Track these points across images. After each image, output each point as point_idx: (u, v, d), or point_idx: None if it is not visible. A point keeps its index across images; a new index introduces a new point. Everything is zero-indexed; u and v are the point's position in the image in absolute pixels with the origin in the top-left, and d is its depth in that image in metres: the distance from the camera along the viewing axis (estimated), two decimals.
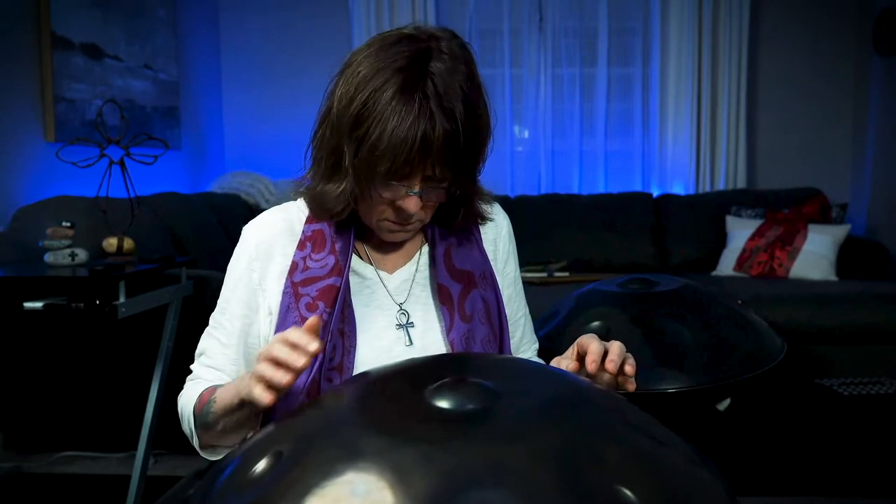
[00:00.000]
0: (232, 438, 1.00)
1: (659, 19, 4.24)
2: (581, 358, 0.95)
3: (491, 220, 1.14)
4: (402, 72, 0.92)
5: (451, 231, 1.11)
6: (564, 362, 0.97)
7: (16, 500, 2.40)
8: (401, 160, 0.91)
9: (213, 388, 1.01)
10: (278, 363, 0.82)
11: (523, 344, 1.23)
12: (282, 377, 0.82)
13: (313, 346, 0.82)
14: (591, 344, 0.93)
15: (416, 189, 0.96)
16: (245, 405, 0.91)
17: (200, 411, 1.01)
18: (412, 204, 0.96)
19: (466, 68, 0.96)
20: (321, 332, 0.98)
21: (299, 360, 0.81)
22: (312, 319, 0.84)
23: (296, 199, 1.10)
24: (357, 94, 0.93)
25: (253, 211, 3.60)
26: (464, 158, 0.96)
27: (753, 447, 2.56)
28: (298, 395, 0.98)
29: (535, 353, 1.25)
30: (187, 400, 1.05)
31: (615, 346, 0.94)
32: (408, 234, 1.05)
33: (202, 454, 1.07)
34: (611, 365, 0.91)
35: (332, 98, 0.98)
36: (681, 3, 4.20)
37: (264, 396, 0.82)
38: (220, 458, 1.03)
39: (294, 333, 0.83)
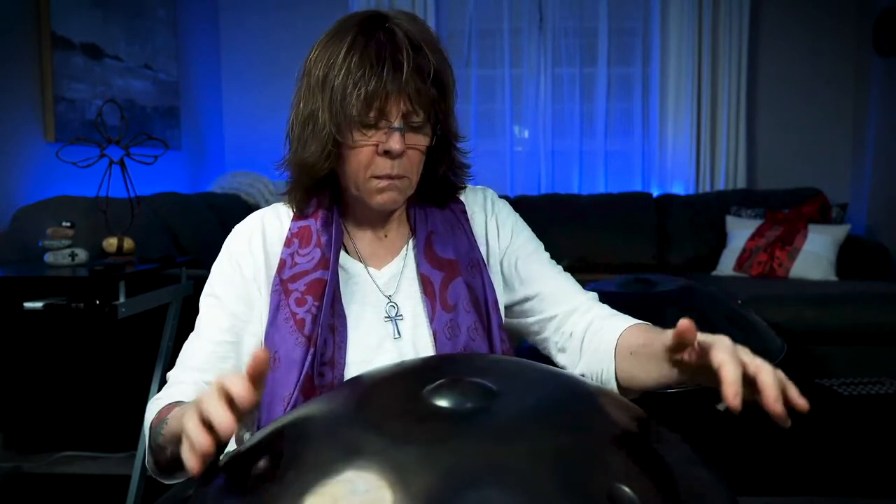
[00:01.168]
0: (183, 470, 0.80)
1: (659, 19, 4.24)
2: (692, 362, 0.77)
3: (466, 185, 1.14)
4: (360, 23, 0.97)
5: (434, 211, 1.11)
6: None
7: (16, 500, 2.40)
8: (370, 89, 0.93)
9: (173, 406, 0.89)
10: (207, 422, 0.64)
11: (576, 307, 1.09)
12: (204, 442, 0.63)
13: (246, 397, 0.64)
14: (727, 368, 0.67)
15: (397, 124, 0.97)
16: None
17: (156, 428, 0.89)
18: (396, 141, 0.96)
19: (424, 26, 1.00)
20: (310, 327, 0.99)
21: (224, 423, 0.63)
22: (260, 353, 0.66)
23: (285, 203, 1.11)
24: (321, 55, 0.98)
25: (253, 210, 3.60)
26: (437, 96, 0.98)
27: (753, 447, 2.56)
28: (292, 391, 0.98)
29: (596, 298, 1.12)
30: (151, 412, 0.94)
31: (765, 373, 0.68)
32: (398, 195, 1.02)
33: (154, 476, 0.94)
34: (775, 404, 0.66)
35: (301, 78, 1.02)
36: (681, 3, 4.20)
37: (190, 463, 0.64)
38: (177, 481, 0.93)
39: (235, 382, 0.65)
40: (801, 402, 0.68)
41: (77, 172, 2.45)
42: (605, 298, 2.25)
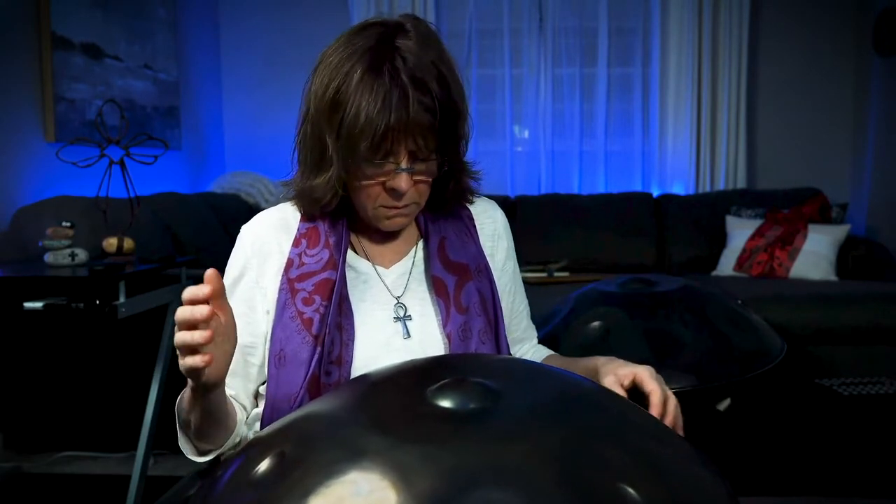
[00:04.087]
0: (210, 438, 0.96)
1: (659, 19, 4.25)
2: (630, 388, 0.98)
3: (474, 201, 1.16)
4: (370, 51, 0.95)
5: (444, 216, 1.13)
6: (609, 381, 0.99)
7: (16, 500, 2.40)
8: (379, 134, 0.93)
9: None
10: (187, 324, 0.76)
11: (526, 336, 1.25)
12: (193, 336, 0.75)
13: (204, 290, 0.76)
14: (654, 392, 0.95)
15: (403, 165, 0.97)
16: (195, 391, 0.87)
17: (178, 408, 0.97)
18: (403, 182, 0.97)
19: (435, 45, 0.99)
20: (318, 326, 1.00)
21: (199, 311, 0.75)
22: (209, 271, 0.79)
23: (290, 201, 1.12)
24: (331, 82, 0.96)
25: (253, 211, 3.60)
26: (444, 130, 0.97)
27: (753, 447, 2.56)
28: (298, 390, 0.98)
29: (536, 341, 1.28)
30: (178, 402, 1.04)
31: (671, 405, 0.95)
32: (406, 220, 1.04)
33: (193, 459, 1.01)
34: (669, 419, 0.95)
35: (309, 95, 1.01)
36: (681, 3, 4.20)
37: (187, 362, 0.77)
38: (210, 458, 0.99)
39: (188, 289, 0.77)
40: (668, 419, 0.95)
41: (77, 172, 2.45)
42: (605, 298, 2.25)
